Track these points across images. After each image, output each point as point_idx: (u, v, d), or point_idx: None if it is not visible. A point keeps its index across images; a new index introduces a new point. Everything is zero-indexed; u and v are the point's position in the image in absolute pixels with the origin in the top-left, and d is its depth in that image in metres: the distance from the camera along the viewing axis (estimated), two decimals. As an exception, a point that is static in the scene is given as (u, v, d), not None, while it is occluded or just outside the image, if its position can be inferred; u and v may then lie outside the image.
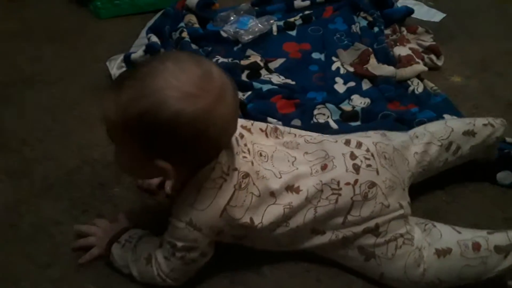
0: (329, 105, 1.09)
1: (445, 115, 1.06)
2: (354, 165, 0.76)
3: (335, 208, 0.74)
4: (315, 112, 1.08)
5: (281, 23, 1.39)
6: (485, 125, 0.89)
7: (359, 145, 0.79)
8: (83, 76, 1.25)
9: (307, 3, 1.48)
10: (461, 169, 0.93)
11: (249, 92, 1.16)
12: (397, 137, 0.86)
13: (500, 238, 0.75)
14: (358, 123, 1.07)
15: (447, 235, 0.77)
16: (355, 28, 1.36)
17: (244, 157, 0.72)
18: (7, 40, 1.38)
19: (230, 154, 0.70)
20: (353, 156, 0.77)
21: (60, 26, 1.46)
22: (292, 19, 1.41)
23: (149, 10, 1.50)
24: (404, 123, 1.03)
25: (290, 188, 0.73)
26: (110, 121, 0.64)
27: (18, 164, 0.99)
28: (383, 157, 0.79)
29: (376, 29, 1.33)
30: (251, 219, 0.71)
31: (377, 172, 0.76)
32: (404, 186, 0.80)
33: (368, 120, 1.06)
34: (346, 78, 1.20)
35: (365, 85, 1.19)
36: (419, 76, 1.20)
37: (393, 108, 1.11)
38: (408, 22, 1.42)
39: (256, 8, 1.46)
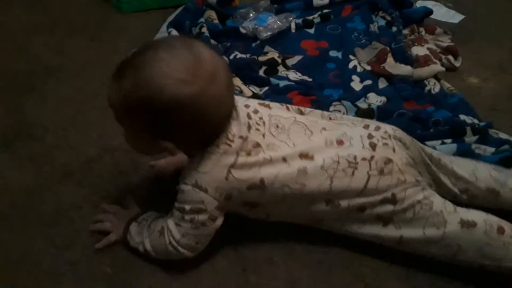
0: (345, 102, 1.10)
1: (461, 115, 1.06)
2: (370, 143, 0.78)
3: (351, 181, 0.75)
4: (331, 108, 1.09)
5: (299, 20, 1.41)
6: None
7: (377, 128, 0.82)
8: (104, 68, 1.25)
9: (326, 1, 1.50)
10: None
11: (266, 88, 1.18)
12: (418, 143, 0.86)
13: None
14: (374, 120, 1.07)
15: (475, 211, 0.77)
16: (373, 27, 1.37)
17: (257, 129, 0.76)
18: (31, 33, 1.42)
19: (237, 124, 0.74)
20: (370, 136, 0.79)
21: (82, 19, 1.49)
22: (310, 17, 1.42)
23: (170, 5, 1.53)
24: (419, 122, 1.03)
25: (303, 155, 0.75)
26: (114, 109, 0.73)
27: (41, 151, 1.02)
28: (399, 140, 0.81)
29: (394, 28, 1.34)
30: (262, 179, 0.74)
31: (394, 150, 0.78)
32: (422, 168, 0.81)
33: (384, 118, 1.06)
34: (363, 76, 1.21)
35: (382, 83, 1.19)
36: (436, 76, 1.21)
37: (409, 107, 1.11)
38: (427, 22, 1.42)
39: (275, 5, 1.48)
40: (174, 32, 1.30)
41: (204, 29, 1.32)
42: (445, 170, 0.84)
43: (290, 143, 0.76)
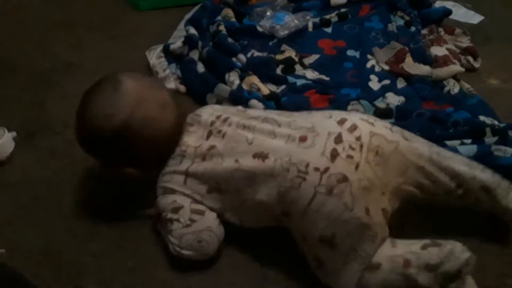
0: (363, 102, 1.10)
1: (481, 117, 1.05)
2: (333, 150, 0.71)
3: (298, 194, 0.71)
4: (349, 108, 1.09)
5: (316, 19, 1.41)
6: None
7: (352, 128, 0.73)
8: (122, 64, 1.29)
9: (344, 0, 1.49)
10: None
11: (283, 86, 1.18)
12: (418, 143, 0.80)
13: (431, 255, 0.70)
14: (392, 120, 1.07)
15: (382, 249, 0.72)
16: (391, 27, 1.37)
17: (219, 131, 0.81)
18: (52, 29, 1.44)
19: (193, 136, 0.82)
20: (338, 139, 0.72)
21: (101, 17, 1.51)
22: (328, 16, 1.42)
23: (187, 3, 1.54)
24: (438, 123, 1.03)
25: (258, 155, 0.75)
26: (80, 145, 0.85)
27: (61, 144, 1.04)
28: (374, 152, 0.73)
29: (413, 28, 1.33)
30: (217, 182, 0.78)
31: (357, 166, 0.70)
32: (385, 191, 0.74)
33: (402, 118, 1.06)
34: (381, 76, 1.21)
35: (400, 83, 1.19)
36: (455, 77, 1.20)
37: (427, 107, 1.11)
38: (446, 23, 1.42)
39: (293, 4, 1.48)
40: (191, 30, 1.31)
41: (222, 27, 1.33)
42: (444, 169, 0.78)
43: (250, 137, 0.77)
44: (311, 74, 1.22)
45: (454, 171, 0.79)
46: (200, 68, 1.21)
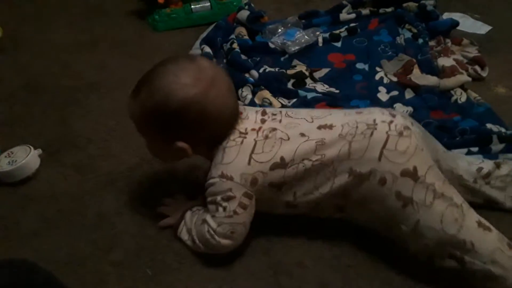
0: (372, 113, 1.12)
1: (488, 124, 1.07)
2: (391, 113, 0.81)
3: (369, 143, 0.77)
4: (358, 119, 1.12)
5: (326, 35, 1.45)
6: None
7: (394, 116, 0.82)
8: (141, 83, 1.35)
9: (353, 16, 1.53)
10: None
11: (295, 99, 1.22)
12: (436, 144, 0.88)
13: None
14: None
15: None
16: (400, 39, 1.40)
17: (274, 118, 0.83)
18: (76, 51, 1.52)
19: (248, 122, 0.83)
20: (391, 111, 0.82)
21: (121, 38, 1.58)
22: (337, 31, 1.46)
23: (202, 23, 1.60)
24: (446, 131, 1.05)
25: (322, 126, 0.80)
26: (134, 119, 0.84)
27: (84, 160, 1.10)
28: (416, 126, 0.83)
29: (420, 40, 1.36)
30: (282, 157, 0.79)
31: (412, 124, 0.80)
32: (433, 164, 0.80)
33: (410, 127, 1.09)
34: (389, 87, 1.24)
35: (408, 94, 1.21)
36: (463, 87, 1.21)
37: (436, 116, 1.13)
38: (454, 34, 1.43)
39: (303, 20, 1.52)
40: (206, 49, 1.36)
41: (235, 45, 1.37)
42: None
43: (309, 118, 0.82)
44: (321, 87, 1.26)
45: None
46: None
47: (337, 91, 1.25)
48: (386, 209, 0.78)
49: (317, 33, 1.44)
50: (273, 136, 0.80)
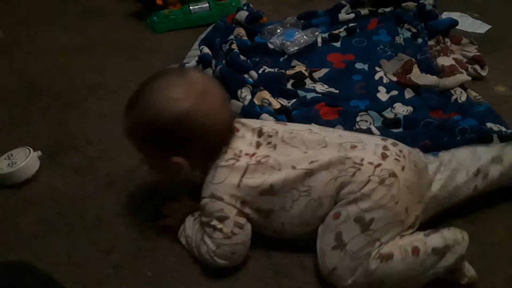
0: (372, 112, 1.12)
1: (488, 123, 1.07)
2: (383, 153, 0.79)
3: (351, 181, 0.76)
4: (358, 118, 1.12)
5: (325, 35, 1.45)
6: None
7: (394, 144, 0.83)
8: (140, 84, 1.35)
9: (352, 16, 1.53)
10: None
11: (294, 100, 1.22)
12: (428, 160, 0.88)
13: (436, 239, 0.75)
14: (400, 130, 1.09)
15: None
16: (399, 39, 1.39)
17: (269, 142, 0.83)
18: (74, 53, 1.52)
19: (243, 142, 0.83)
20: (385, 148, 0.80)
21: (119, 40, 1.58)
22: (336, 31, 1.46)
23: (201, 24, 1.60)
24: (446, 131, 1.05)
25: (314, 161, 0.79)
26: (129, 138, 0.84)
27: (84, 162, 1.10)
28: (413, 164, 0.81)
29: (419, 40, 1.36)
30: (271, 185, 0.79)
31: (403, 168, 0.78)
32: (421, 200, 0.81)
33: (410, 127, 1.09)
34: (389, 87, 1.23)
35: (408, 94, 1.21)
36: (462, 86, 1.21)
37: (435, 116, 1.12)
38: (453, 33, 1.43)
39: (302, 21, 1.52)
40: (205, 50, 1.36)
41: (234, 46, 1.37)
42: (454, 166, 0.86)
43: (304, 147, 0.81)
44: (320, 88, 1.26)
45: (460, 163, 0.87)
46: (214, 85, 1.25)
47: (337, 91, 1.25)
48: (321, 239, 0.80)
49: (316, 33, 1.44)
50: (265, 162, 0.80)
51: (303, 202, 0.79)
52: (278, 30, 1.46)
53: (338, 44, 1.43)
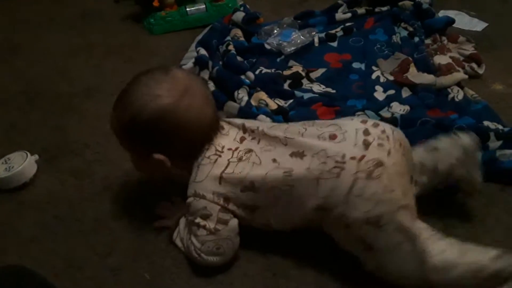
0: (369, 112, 1.12)
1: (485, 122, 1.07)
2: (364, 140, 0.75)
3: (335, 184, 0.73)
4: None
5: (322, 34, 1.45)
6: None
7: (375, 125, 0.79)
8: (138, 87, 1.35)
9: (348, 15, 1.53)
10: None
11: (291, 100, 1.22)
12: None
13: (502, 263, 0.70)
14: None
15: (450, 251, 0.73)
16: (396, 38, 1.39)
17: (253, 138, 0.83)
18: (72, 56, 1.52)
19: (226, 138, 0.83)
20: (366, 133, 0.76)
21: (117, 42, 1.58)
22: (333, 31, 1.46)
23: (198, 25, 1.60)
24: (442, 129, 1.04)
25: (295, 154, 0.78)
26: (115, 133, 0.85)
27: (81, 165, 1.10)
28: (398, 143, 0.77)
29: (416, 39, 1.36)
30: (251, 182, 0.78)
31: (389, 153, 0.74)
32: (412, 181, 0.79)
33: (407, 126, 1.08)
34: (386, 86, 1.23)
35: (405, 93, 1.21)
36: (459, 84, 1.21)
37: (432, 115, 1.12)
38: (450, 31, 1.43)
39: (299, 21, 1.52)
40: (202, 51, 1.36)
41: (231, 47, 1.37)
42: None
43: (283, 139, 0.80)
44: (317, 88, 1.26)
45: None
46: (211, 87, 1.25)
47: (334, 91, 1.25)
48: (349, 245, 0.79)
49: (313, 33, 1.44)
50: (247, 159, 0.80)
51: (285, 200, 0.78)
52: (275, 31, 1.46)
53: (335, 44, 1.43)
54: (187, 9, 1.61)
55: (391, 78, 1.26)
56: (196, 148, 0.82)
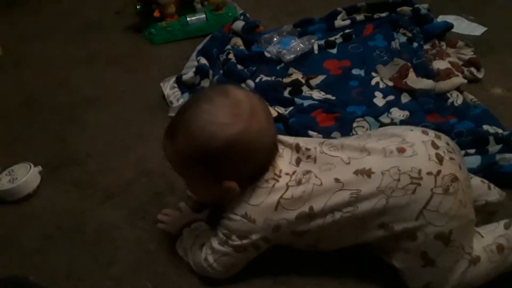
0: (368, 118, 1.13)
1: (484, 126, 1.07)
2: (437, 154, 0.72)
3: (410, 200, 0.71)
4: (354, 124, 1.13)
5: (322, 42, 1.46)
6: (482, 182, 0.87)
7: (438, 136, 0.76)
8: (139, 96, 1.36)
9: (348, 22, 1.54)
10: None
11: (291, 108, 1.22)
12: None
13: None
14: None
15: (474, 243, 0.76)
16: (395, 44, 1.40)
17: (308, 156, 0.78)
18: (73, 67, 1.53)
19: (283, 161, 0.79)
20: (434, 145, 0.74)
21: (118, 52, 1.60)
22: (332, 38, 1.47)
23: (198, 35, 1.61)
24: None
25: (360, 171, 0.73)
26: (174, 164, 0.79)
27: (84, 176, 1.10)
28: (459, 153, 0.78)
29: (415, 44, 1.36)
30: (311, 207, 0.74)
31: (460, 167, 0.74)
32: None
33: (407, 132, 1.08)
34: (385, 92, 1.24)
35: (404, 98, 1.21)
36: (459, 89, 1.21)
37: (432, 120, 1.12)
38: (449, 36, 1.43)
39: (298, 29, 1.53)
40: (203, 60, 1.37)
41: (231, 55, 1.38)
42: None
43: (346, 157, 0.76)
44: (317, 95, 1.26)
45: None
46: (212, 95, 1.26)
47: (334, 97, 1.25)
48: (404, 260, 0.75)
49: (312, 40, 1.45)
50: (306, 181, 0.75)
51: (344, 221, 0.74)
52: (275, 39, 1.47)
53: (334, 51, 1.44)
54: (188, 19, 1.62)
55: (391, 84, 1.26)
56: (264, 171, 0.77)
